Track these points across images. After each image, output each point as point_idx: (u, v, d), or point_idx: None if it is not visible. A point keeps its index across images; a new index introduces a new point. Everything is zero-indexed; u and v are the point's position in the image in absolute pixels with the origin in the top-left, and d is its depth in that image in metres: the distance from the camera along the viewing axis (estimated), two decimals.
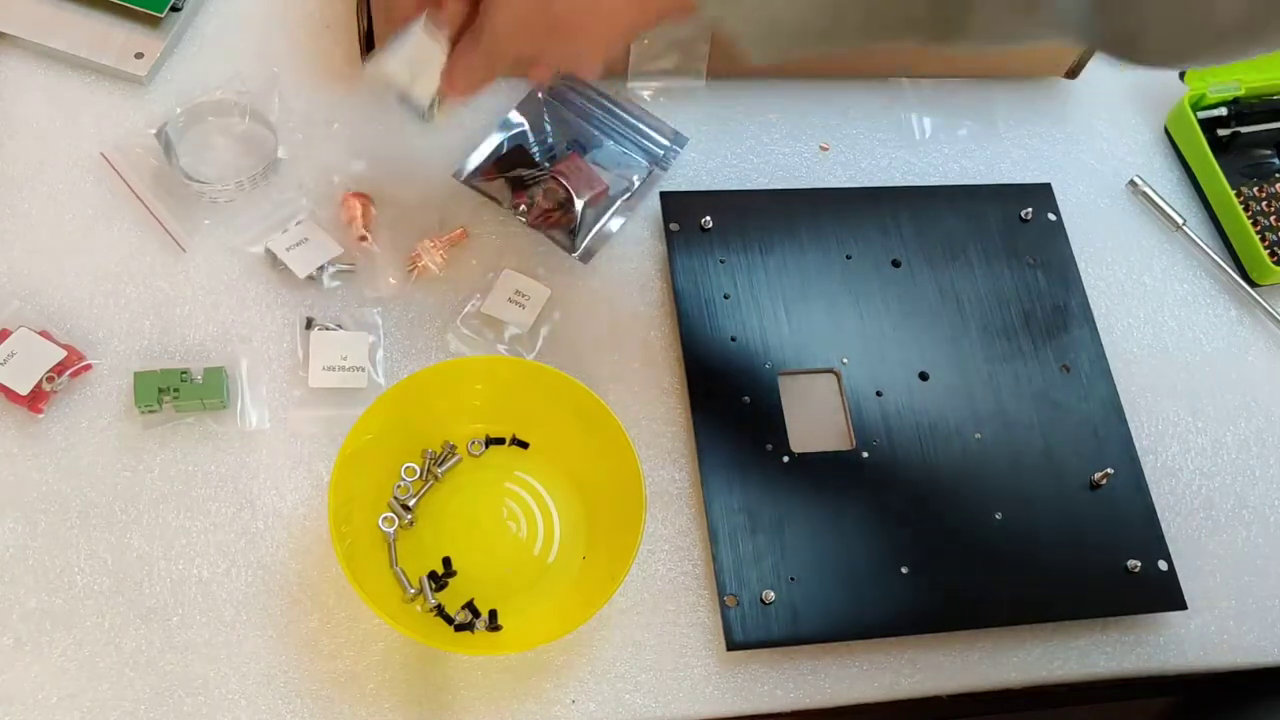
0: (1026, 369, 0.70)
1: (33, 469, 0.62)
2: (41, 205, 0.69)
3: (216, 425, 0.64)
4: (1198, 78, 0.81)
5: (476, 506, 0.63)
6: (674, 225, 0.72)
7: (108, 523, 0.61)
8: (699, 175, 0.77)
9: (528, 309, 0.69)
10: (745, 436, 0.66)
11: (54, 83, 0.73)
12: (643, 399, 0.68)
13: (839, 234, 0.73)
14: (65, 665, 0.58)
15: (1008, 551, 0.64)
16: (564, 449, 0.64)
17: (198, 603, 0.60)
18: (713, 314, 0.69)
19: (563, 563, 0.62)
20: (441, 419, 0.64)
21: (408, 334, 0.68)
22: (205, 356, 0.66)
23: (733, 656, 0.61)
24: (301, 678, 0.59)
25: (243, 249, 0.69)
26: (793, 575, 0.62)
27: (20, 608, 0.59)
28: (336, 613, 0.60)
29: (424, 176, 0.74)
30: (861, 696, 0.62)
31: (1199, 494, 0.70)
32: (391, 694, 0.59)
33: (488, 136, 0.75)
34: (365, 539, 0.61)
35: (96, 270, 0.68)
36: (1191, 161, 0.82)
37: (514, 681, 0.60)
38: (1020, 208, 0.76)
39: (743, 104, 0.80)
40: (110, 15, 0.75)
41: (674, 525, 0.65)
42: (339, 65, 0.77)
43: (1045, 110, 0.84)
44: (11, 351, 0.62)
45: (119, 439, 0.63)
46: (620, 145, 0.76)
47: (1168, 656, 0.65)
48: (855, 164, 0.79)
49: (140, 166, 0.70)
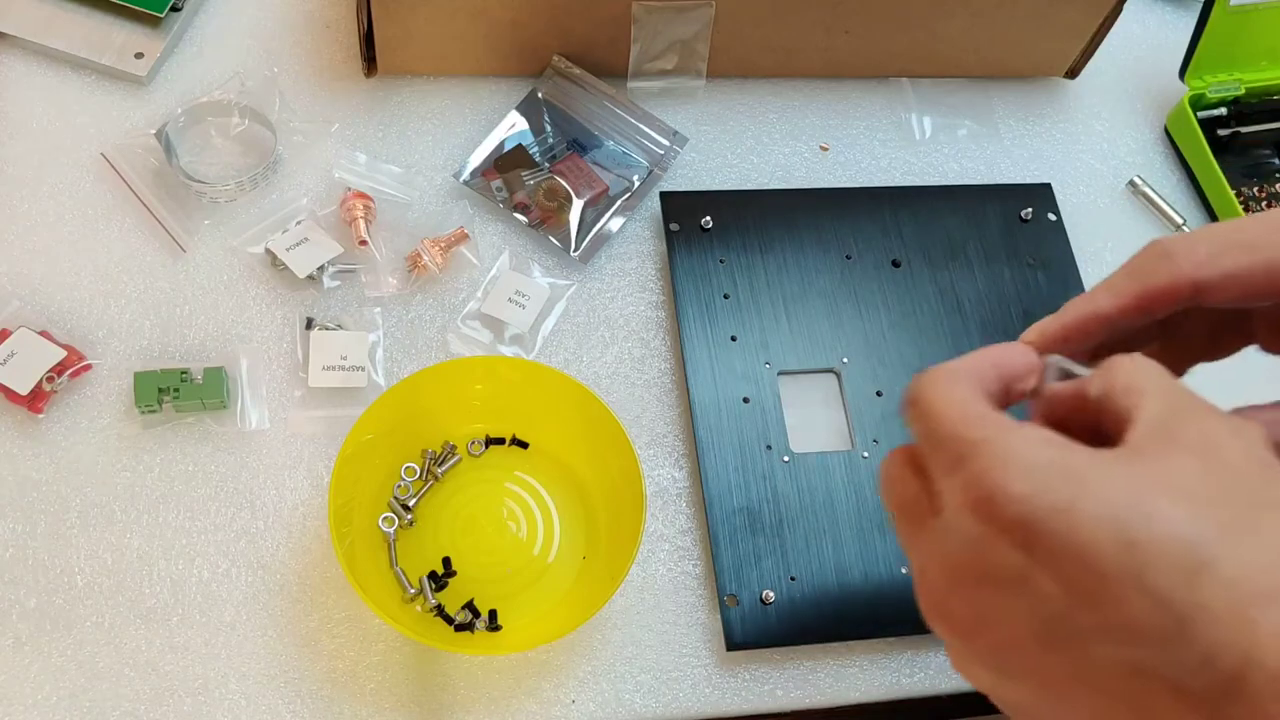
0: None
1: (33, 469, 0.62)
2: (41, 205, 0.69)
3: (216, 425, 0.64)
4: (1197, 78, 0.81)
5: (476, 506, 0.63)
6: (674, 225, 0.72)
7: (108, 523, 0.61)
8: (699, 175, 0.77)
9: (528, 309, 0.69)
10: (745, 436, 0.66)
11: (54, 83, 0.73)
12: (643, 399, 0.68)
13: (839, 234, 0.73)
14: (65, 665, 0.58)
15: None
16: (564, 449, 0.64)
17: (198, 603, 0.60)
18: (713, 314, 0.69)
19: (563, 563, 0.62)
20: (441, 419, 0.64)
21: (408, 334, 0.68)
22: (205, 356, 0.66)
23: (733, 656, 0.61)
24: (301, 678, 0.59)
25: (243, 249, 0.69)
26: (793, 575, 0.62)
27: (20, 608, 0.59)
28: (336, 613, 0.60)
29: (424, 176, 0.74)
30: (861, 696, 0.62)
31: None
32: (391, 694, 0.59)
33: (488, 136, 0.75)
34: (365, 539, 0.61)
35: (96, 270, 0.68)
36: (1191, 161, 0.82)
37: (514, 681, 0.60)
38: (1020, 208, 0.76)
39: (743, 104, 0.80)
40: (110, 15, 0.75)
41: (674, 525, 0.65)
42: (339, 65, 0.77)
43: (1045, 110, 0.84)
44: (11, 351, 0.62)
45: (119, 439, 0.63)
46: (620, 145, 0.76)
47: None
48: (855, 164, 0.79)
49: (140, 166, 0.70)
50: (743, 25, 0.76)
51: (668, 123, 0.77)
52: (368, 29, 0.72)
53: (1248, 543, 0.28)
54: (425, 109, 0.76)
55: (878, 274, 0.72)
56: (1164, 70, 0.83)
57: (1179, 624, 0.28)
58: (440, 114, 0.76)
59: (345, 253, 0.69)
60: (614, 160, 0.75)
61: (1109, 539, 0.28)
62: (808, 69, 0.81)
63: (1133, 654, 0.29)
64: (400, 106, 0.76)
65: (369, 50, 0.74)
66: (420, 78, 0.77)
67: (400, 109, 0.76)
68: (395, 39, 0.73)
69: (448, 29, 0.73)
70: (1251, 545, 0.28)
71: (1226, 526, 0.28)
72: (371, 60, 0.75)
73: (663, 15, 0.74)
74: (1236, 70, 0.82)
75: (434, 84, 0.77)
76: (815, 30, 0.77)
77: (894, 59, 0.81)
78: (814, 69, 0.81)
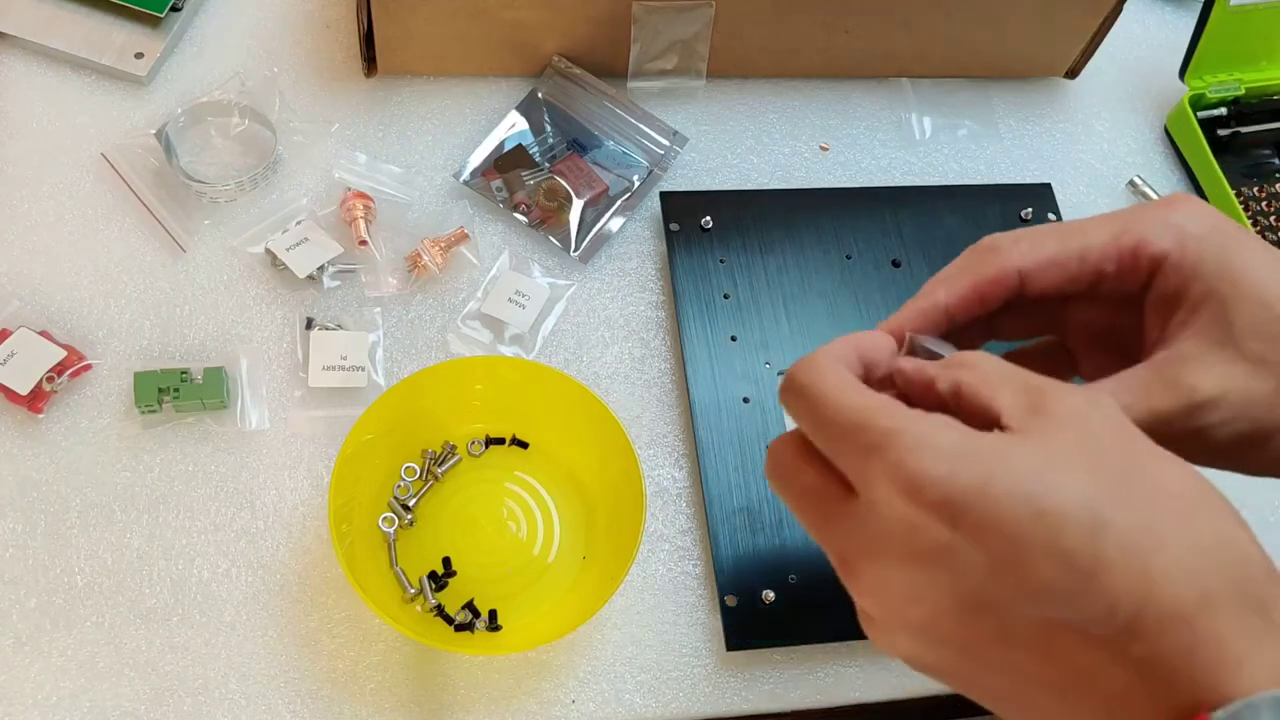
0: None
1: (33, 469, 0.62)
2: (41, 205, 0.69)
3: (216, 425, 0.64)
4: (1197, 78, 0.81)
5: (476, 506, 0.63)
6: (674, 225, 0.72)
7: (108, 523, 0.61)
8: (699, 175, 0.77)
9: (528, 309, 0.69)
10: (745, 436, 0.66)
11: (54, 83, 0.73)
12: (643, 399, 0.68)
13: (839, 234, 0.73)
14: (65, 665, 0.58)
15: None
16: (564, 449, 0.64)
17: (198, 603, 0.60)
18: (713, 314, 0.69)
19: (563, 563, 0.62)
20: (441, 419, 0.64)
21: (408, 334, 0.69)
22: (205, 356, 0.66)
23: (733, 656, 0.61)
24: (301, 678, 0.59)
25: (243, 249, 0.69)
26: (793, 575, 0.62)
27: (20, 608, 0.59)
28: (336, 613, 0.60)
29: (424, 176, 0.74)
30: (861, 696, 0.62)
31: None
32: (391, 694, 0.59)
33: (488, 136, 0.75)
34: (365, 539, 0.61)
35: (96, 270, 0.68)
36: (1191, 161, 0.82)
37: (514, 681, 0.60)
38: (1020, 208, 0.76)
39: (743, 104, 0.80)
40: (110, 15, 0.75)
41: (674, 525, 0.65)
42: (339, 65, 0.77)
43: (1045, 110, 0.84)
44: (11, 351, 0.62)
45: (119, 439, 0.63)
46: (620, 145, 0.76)
47: None
48: (855, 164, 0.79)
49: (140, 166, 0.70)
50: (743, 25, 0.76)
51: (668, 123, 0.77)
52: (368, 29, 0.72)
53: (1131, 503, 0.32)
54: (425, 109, 0.76)
55: (878, 274, 0.72)
56: (1164, 70, 0.83)
57: (1086, 579, 0.31)
58: (440, 114, 0.76)
59: (345, 253, 0.69)
60: (614, 160, 0.75)
61: (1023, 510, 0.32)
62: (808, 69, 0.81)
63: (1047, 610, 0.32)
64: (400, 106, 0.76)
65: (369, 50, 0.74)
66: (420, 78, 0.77)
67: (400, 109, 0.76)
68: (395, 39, 0.73)
69: (448, 29, 0.73)
70: (1134, 505, 0.32)
71: (1112, 491, 0.32)
72: (371, 60, 0.75)
73: (663, 15, 0.74)
74: (1236, 70, 0.82)
75: (434, 84, 0.77)
76: (815, 30, 0.77)
77: (894, 59, 0.81)
78: (814, 69, 0.81)
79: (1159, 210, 0.42)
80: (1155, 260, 0.42)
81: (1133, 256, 0.42)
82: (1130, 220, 0.42)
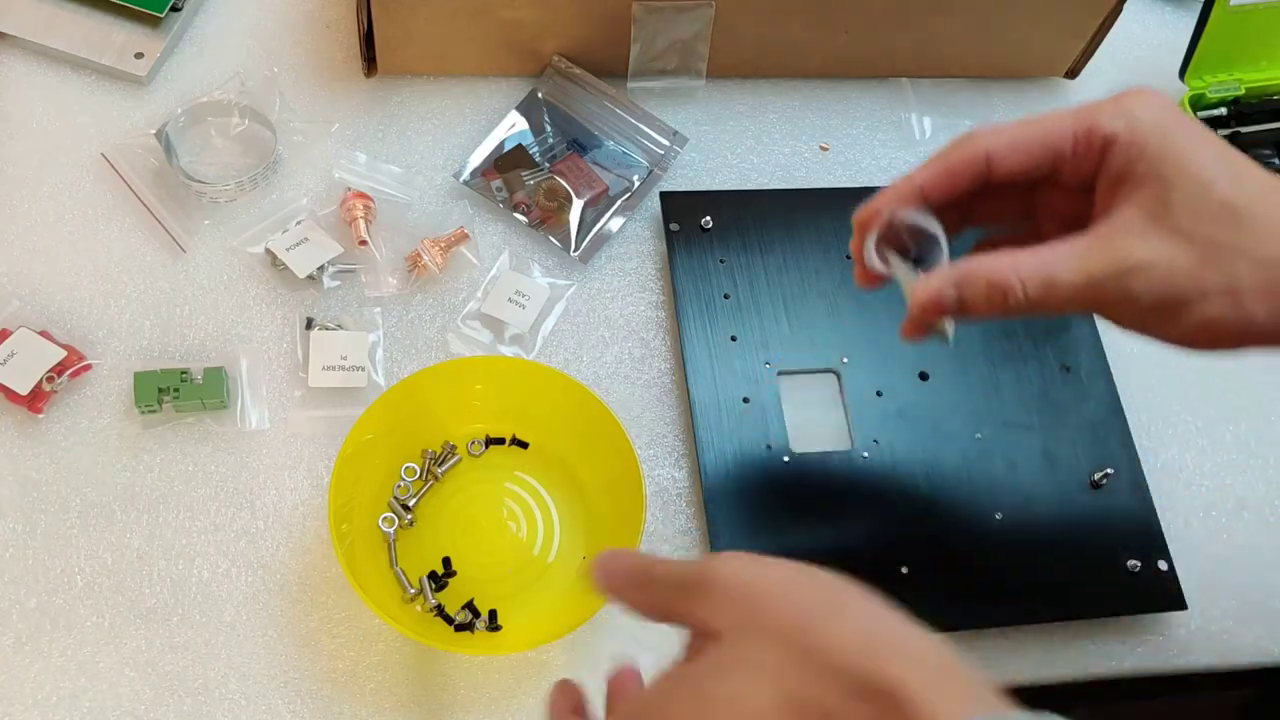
0: (1027, 369, 0.70)
1: (33, 469, 0.62)
2: (41, 205, 0.69)
3: (216, 425, 0.64)
4: (1198, 78, 0.81)
5: (476, 506, 0.63)
6: (674, 225, 0.72)
7: (108, 523, 0.61)
8: (699, 175, 0.77)
9: (528, 309, 0.69)
10: (745, 436, 0.65)
11: (54, 83, 0.73)
12: (643, 399, 0.68)
13: (839, 234, 0.73)
14: (65, 665, 0.58)
15: (1008, 551, 0.64)
16: (564, 449, 0.64)
17: (198, 603, 0.60)
18: (713, 314, 0.69)
19: (563, 563, 0.62)
20: (441, 419, 0.64)
21: (408, 334, 0.68)
22: (205, 356, 0.66)
23: None
24: (301, 678, 0.59)
25: (243, 249, 0.69)
26: None
27: (20, 608, 0.59)
28: (336, 613, 0.60)
29: (424, 176, 0.74)
30: None
31: (1199, 494, 0.70)
32: (391, 694, 0.59)
33: (488, 136, 0.75)
34: (365, 539, 0.61)
35: (96, 270, 0.68)
36: None
37: (514, 681, 0.60)
38: None
39: (743, 104, 0.80)
40: (110, 15, 0.75)
41: (674, 525, 0.65)
42: (339, 65, 0.77)
43: (1045, 110, 0.83)
44: (11, 351, 0.62)
45: (119, 439, 0.63)
46: (620, 145, 0.76)
47: (1168, 656, 0.65)
48: (855, 164, 0.79)
49: (140, 166, 0.70)
50: (743, 25, 0.76)
51: (668, 123, 0.77)
52: (368, 29, 0.72)
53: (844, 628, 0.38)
54: (425, 109, 0.76)
55: None
56: (1164, 70, 0.83)
57: None
58: (440, 114, 0.76)
59: (345, 253, 0.69)
60: (614, 160, 0.75)
61: None
62: (808, 69, 0.81)
63: None
64: (400, 106, 0.76)
65: (369, 50, 0.74)
66: (420, 78, 0.77)
67: (400, 109, 0.76)
68: (395, 39, 0.73)
69: (448, 29, 0.73)
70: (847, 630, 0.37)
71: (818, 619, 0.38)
72: (371, 60, 0.75)
73: (663, 15, 0.74)
74: (1236, 70, 0.82)
75: (434, 84, 0.77)
76: (815, 30, 0.77)
77: (894, 59, 0.81)
78: (814, 69, 0.81)
79: (1115, 99, 0.47)
80: (1107, 141, 0.46)
81: (1087, 139, 0.47)
82: (1089, 108, 0.47)
